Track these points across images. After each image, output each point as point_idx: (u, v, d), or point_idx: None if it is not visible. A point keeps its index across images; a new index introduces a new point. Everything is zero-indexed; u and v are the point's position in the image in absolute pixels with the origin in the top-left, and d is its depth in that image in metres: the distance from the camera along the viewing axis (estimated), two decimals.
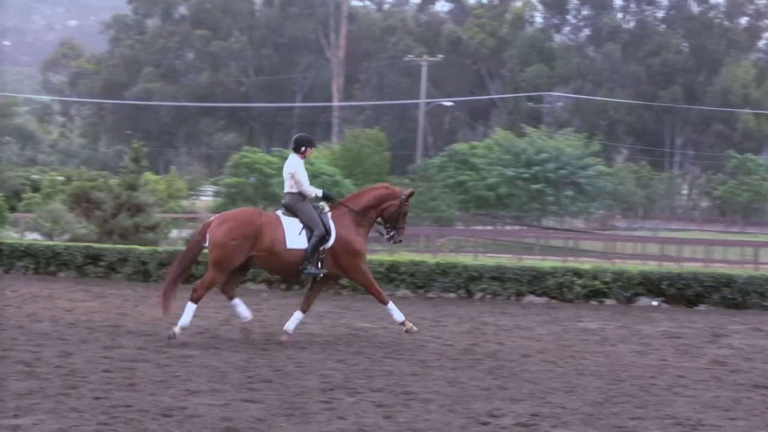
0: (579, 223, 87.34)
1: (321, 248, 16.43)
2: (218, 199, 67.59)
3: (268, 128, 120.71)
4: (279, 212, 16.78)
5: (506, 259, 32.44)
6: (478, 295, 23.63)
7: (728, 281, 23.10)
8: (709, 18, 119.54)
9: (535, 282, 23.67)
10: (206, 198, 79.17)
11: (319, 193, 16.82)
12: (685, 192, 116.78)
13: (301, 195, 16.67)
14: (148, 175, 53.86)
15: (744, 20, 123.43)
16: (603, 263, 31.34)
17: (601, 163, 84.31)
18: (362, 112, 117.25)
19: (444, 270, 23.82)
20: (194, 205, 70.83)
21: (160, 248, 26.87)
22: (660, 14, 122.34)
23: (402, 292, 23.74)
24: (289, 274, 17.04)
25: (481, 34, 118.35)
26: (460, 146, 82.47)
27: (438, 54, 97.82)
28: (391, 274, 23.79)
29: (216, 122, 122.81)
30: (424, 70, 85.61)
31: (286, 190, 16.78)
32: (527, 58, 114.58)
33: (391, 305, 16.85)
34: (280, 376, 13.34)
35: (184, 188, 67.90)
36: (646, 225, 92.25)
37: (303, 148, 16.89)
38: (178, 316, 15.99)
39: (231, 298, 16.69)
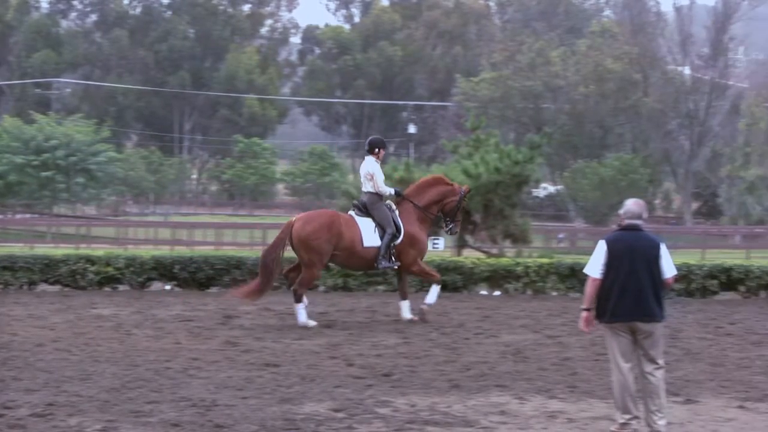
0: (91, 210, 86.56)
1: (392, 244, 18.17)
2: None
3: None
4: (351, 213, 18.51)
5: (18, 248, 31.67)
6: None
7: (238, 263, 23.74)
8: (214, 5, 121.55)
9: (47, 270, 23.31)
10: None
11: (392, 191, 18.58)
12: (194, 176, 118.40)
13: (378, 195, 18.34)
14: None
15: (247, 7, 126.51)
16: (116, 249, 31.28)
17: (112, 149, 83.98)
18: None
19: None
20: None
21: None
22: (166, 0, 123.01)
23: None
24: (364, 268, 19.39)
25: None
26: None
27: None
28: None
29: None
30: None
31: (365, 190, 18.44)
32: (34, 43, 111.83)
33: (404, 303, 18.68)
34: None
35: None
36: (158, 210, 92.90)
37: (377, 150, 18.48)
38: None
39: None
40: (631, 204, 10.78)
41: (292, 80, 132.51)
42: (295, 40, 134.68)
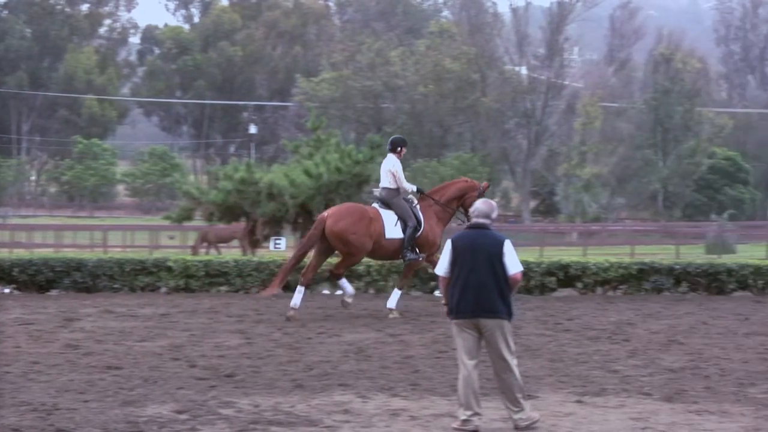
0: None
1: (414, 237, 19.26)
2: None
3: None
4: (375, 205, 19.67)
5: None
6: None
7: (79, 265, 23.49)
8: (51, 4, 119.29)
9: None
10: None
11: (414, 188, 19.75)
12: (33, 178, 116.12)
13: (396, 190, 19.47)
14: None
15: (85, 7, 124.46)
16: None
17: None
18: None
19: None
20: None
21: None
22: (2, 0, 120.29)
23: None
24: (387, 258, 20.62)
25: None
26: None
27: None
28: None
29: None
30: None
31: (384, 185, 19.56)
32: None
33: (397, 293, 19.64)
34: None
35: None
36: None
37: (399, 148, 19.70)
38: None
39: (307, 284, 19.53)
40: (480, 203, 11.10)
41: (132, 80, 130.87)
42: (135, 40, 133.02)
